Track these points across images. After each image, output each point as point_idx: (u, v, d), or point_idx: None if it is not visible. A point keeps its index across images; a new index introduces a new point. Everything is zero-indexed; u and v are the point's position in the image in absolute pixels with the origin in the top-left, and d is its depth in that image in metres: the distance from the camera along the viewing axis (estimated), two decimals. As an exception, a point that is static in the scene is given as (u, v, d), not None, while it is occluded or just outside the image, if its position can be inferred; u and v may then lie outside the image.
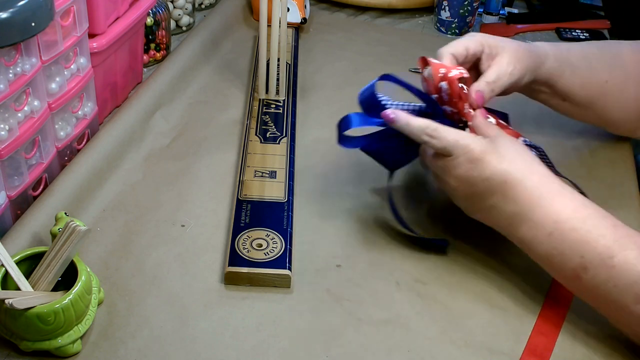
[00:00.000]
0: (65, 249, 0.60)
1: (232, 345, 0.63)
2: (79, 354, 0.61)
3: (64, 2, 0.72)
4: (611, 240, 0.62)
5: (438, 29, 1.21)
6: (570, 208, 0.65)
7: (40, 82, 0.71)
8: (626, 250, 0.61)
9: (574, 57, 0.83)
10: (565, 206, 0.65)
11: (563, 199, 0.65)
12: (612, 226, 0.63)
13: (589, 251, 0.63)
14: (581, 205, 0.65)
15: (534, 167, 0.67)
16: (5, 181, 0.70)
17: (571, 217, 0.64)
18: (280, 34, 0.91)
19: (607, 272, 0.62)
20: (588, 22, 1.27)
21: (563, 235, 0.64)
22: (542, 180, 0.66)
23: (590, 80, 0.83)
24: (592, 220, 0.64)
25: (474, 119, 0.70)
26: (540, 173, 0.67)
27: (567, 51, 0.84)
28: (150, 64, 1.03)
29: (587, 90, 0.84)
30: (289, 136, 0.88)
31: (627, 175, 0.89)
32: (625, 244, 0.62)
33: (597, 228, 0.63)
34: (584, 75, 0.83)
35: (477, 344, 0.65)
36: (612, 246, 0.62)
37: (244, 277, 0.69)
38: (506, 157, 0.66)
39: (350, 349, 0.64)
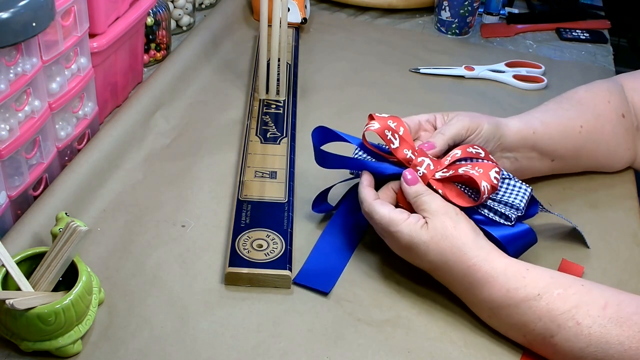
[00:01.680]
0: (66, 249, 0.60)
1: (232, 346, 0.63)
2: (80, 355, 0.61)
3: (65, 2, 0.72)
4: (548, 320, 0.61)
5: (438, 29, 1.21)
6: (501, 293, 0.63)
7: (40, 82, 0.71)
8: (565, 329, 0.60)
9: (537, 112, 0.83)
10: (497, 291, 0.63)
11: (493, 286, 0.64)
12: (545, 306, 0.62)
13: (529, 332, 0.63)
14: (513, 288, 0.63)
15: (463, 253, 0.65)
16: (6, 181, 0.70)
17: (503, 304, 0.63)
18: (281, 34, 0.91)
19: (552, 349, 0.62)
20: (588, 22, 1.28)
21: (500, 320, 0.65)
22: (469, 270, 0.65)
23: (565, 129, 0.82)
24: (525, 304, 0.62)
25: (406, 191, 0.69)
26: (472, 257, 0.65)
27: (527, 112, 0.83)
28: (151, 64, 1.03)
29: (567, 140, 0.82)
30: (290, 136, 0.88)
31: (627, 175, 0.89)
32: (567, 317, 0.61)
33: (532, 310, 0.62)
34: (556, 126, 0.81)
35: (477, 344, 0.65)
36: (550, 326, 0.61)
37: (244, 278, 0.69)
38: (431, 249, 0.65)
39: (350, 349, 0.64)
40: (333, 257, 0.73)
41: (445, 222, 0.66)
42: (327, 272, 0.71)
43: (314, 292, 0.69)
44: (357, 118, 0.95)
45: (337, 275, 0.71)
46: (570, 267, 0.74)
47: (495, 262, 0.64)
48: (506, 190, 0.70)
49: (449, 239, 0.65)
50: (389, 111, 0.97)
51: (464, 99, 1.02)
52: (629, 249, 0.77)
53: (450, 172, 0.68)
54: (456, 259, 0.65)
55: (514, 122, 0.80)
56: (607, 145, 0.85)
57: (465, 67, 1.08)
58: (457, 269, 0.65)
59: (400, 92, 1.03)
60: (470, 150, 0.70)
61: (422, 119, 0.77)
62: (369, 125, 0.72)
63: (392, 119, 0.73)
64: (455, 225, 0.66)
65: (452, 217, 0.66)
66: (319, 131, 0.75)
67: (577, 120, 0.83)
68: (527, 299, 0.62)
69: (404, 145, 0.71)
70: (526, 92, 1.06)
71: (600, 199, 0.85)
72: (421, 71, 1.08)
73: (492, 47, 1.18)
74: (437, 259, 0.66)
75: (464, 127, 0.74)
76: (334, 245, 0.74)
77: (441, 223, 0.66)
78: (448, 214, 0.66)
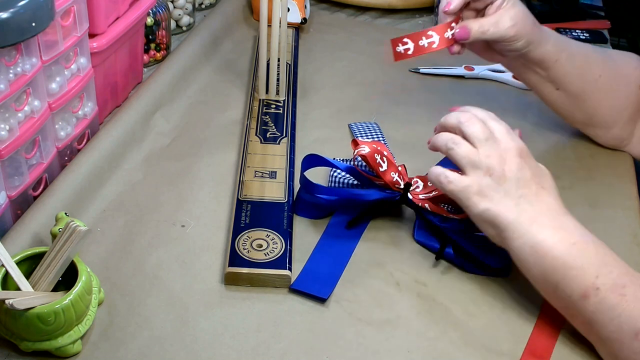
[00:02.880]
0: (66, 249, 0.60)
1: (232, 346, 0.63)
2: (79, 355, 0.61)
3: (65, 2, 0.72)
4: (626, 272, 0.62)
5: (438, 29, 1.21)
6: (591, 234, 0.65)
7: (40, 82, 0.71)
8: (636, 286, 0.61)
9: (573, 46, 0.85)
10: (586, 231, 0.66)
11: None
12: (624, 264, 0.64)
13: (605, 274, 0.61)
14: (596, 239, 0.65)
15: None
16: (6, 181, 0.70)
17: (594, 238, 0.65)
18: (281, 34, 0.91)
19: (615, 300, 0.60)
20: (588, 22, 1.27)
21: (587, 247, 0.63)
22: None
23: (584, 71, 0.84)
24: (606, 249, 0.64)
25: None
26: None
27: (567, 40, 0.85)
28: (151, 64, 1.03)
29: (581, 81, 0.84)
30: (289, 136, 0.88)
31: (627, 175, 0.89)
32: (635, 280, 0.62)
33: (615, 255, 0.64)
34: (579, 65, 0.84)
35: (477, 344, 0.65)
36: (625, 276, 0.62)
37: (244, 278, 0.69)
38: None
39: (350, 350, 0.64)
40: (330, 262, 0.72)
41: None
42: (325, 278, 0.70)
43: (312, 298, 0.68)
44: (357, 118, 0.96)
45: (335, 280, 0.70)
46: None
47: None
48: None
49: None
50: (389, 111, 0.98)
51: (464, 98, 1.02)
52: (629, 249, 0.77)
53: (433, 192, 0.72)
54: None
55: (550, 44, 0.81)
56: (612, 105, 0.86)
57: (465, 67, 1.08)
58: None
59: (400, 92, 1.03)
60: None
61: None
62: (359, 150, 0.72)
63: (375, 144, 0.73)
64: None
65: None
66: (308, 159, 0.75)
67: (600, 68, 0.84)
68: (607, 248, 0.64)
69: (391, 169, 0.73)
70: (526, 91, 1.06)
71: (600, 199, 0.85)
72: (421, 71, 1.08)
73: (492, 47, 1.18)
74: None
75: (504, 35, 0.78)
76: (331, 250, 0.73)
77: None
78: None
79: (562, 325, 0.67)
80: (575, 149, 0.93)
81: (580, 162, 0.91)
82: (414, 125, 0.95)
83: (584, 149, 0.93)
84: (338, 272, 0.71)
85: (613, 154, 0.92)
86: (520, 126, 0.96)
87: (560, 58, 0.82)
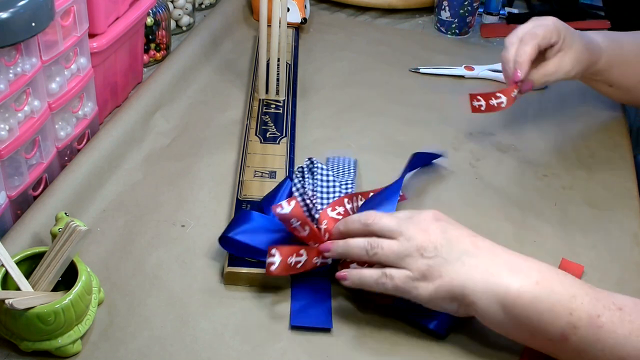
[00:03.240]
0: (66, 249, 0.60)
1: (232, 346, 0.63)
2: (79, 354, 0.61)
3: (64, 2, 0.72)
4: (594, 296, 0.59)
5: (438, 29, 1.21)
6: (542, 263, 0.62)
7: (40, 82, 0.71)
8: (610, 310, 0.58)
9: (626, 48, 0.87)
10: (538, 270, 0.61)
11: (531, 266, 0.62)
12: (589, 287, 0.60)
13: (578, 307, 0.58)
14: (551, 268, 0.62)
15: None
16: (6, 181, 0.70)
17: (548, 266, 0.62)
18: (280, 34, 0.91)
19: (595, 335, 0.57)
20: (588, 22, 1.27)
21: (551, 283, 0.59)
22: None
23: (637, 68, 0.87)
24: (566, 275, 0.61)
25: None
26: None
27: (620, 44, 0.87)
28: (150, 64, 1.03)
29: (633, 77, 0.88)
30: (289, 136, 0.88)
31: (627, 175, 0.89)
32: (607, 304, 0.58)
33: (575, 279, 0.61)
34: (632, 65, 0.87)
35: (477, 344, 0.65)
36: (597, 302, 0.58)
37: (244, 278, 0.69)
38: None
39: (351, 349, 0.64)
40: (314, 289, 0.69)
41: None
42: (318, 306, 0.67)
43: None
44: (356, 118, 0.96)
45: (329, 305, 0.67)
46: (570, 267, 0.73)
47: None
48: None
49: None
50: (389, 111, 0.98)
51: (464, 98, 1.02)
52: (629, 249, 0.77)
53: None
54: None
55: (604, 60, 0.85)
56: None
57: (465, 67, 1.08)
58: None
59: (400, 92, 1.03)
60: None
61: (551, 41, 0.82)
62: (277, 209, 0.64)
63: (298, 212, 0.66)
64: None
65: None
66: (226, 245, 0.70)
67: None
68: (569, 276, 0.61)
69: (313, 239, 0.67)
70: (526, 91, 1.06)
71: (600, 199, 0.85)
72: (421, 71, 1.08)
73: (492, 47, 1.18)
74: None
75: (565, 78, 0.83)
76: (309, 278, 0.69)
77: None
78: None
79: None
80: (575, 149, 0.93)
81: (580, 162, 0.91)
82: (414, 125, 0.95)
83: (584, 149, 0.93)
84: (327, 294, 0.68)
85: (613, 154, 0.92)
86: (520, 125, 0.96)
87: (614, 65, 0.86)
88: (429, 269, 0.61)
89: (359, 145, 0.90)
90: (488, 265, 0.61)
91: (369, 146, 0.90)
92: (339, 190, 0.75)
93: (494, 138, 0.93)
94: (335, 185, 0.75)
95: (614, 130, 0.97)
